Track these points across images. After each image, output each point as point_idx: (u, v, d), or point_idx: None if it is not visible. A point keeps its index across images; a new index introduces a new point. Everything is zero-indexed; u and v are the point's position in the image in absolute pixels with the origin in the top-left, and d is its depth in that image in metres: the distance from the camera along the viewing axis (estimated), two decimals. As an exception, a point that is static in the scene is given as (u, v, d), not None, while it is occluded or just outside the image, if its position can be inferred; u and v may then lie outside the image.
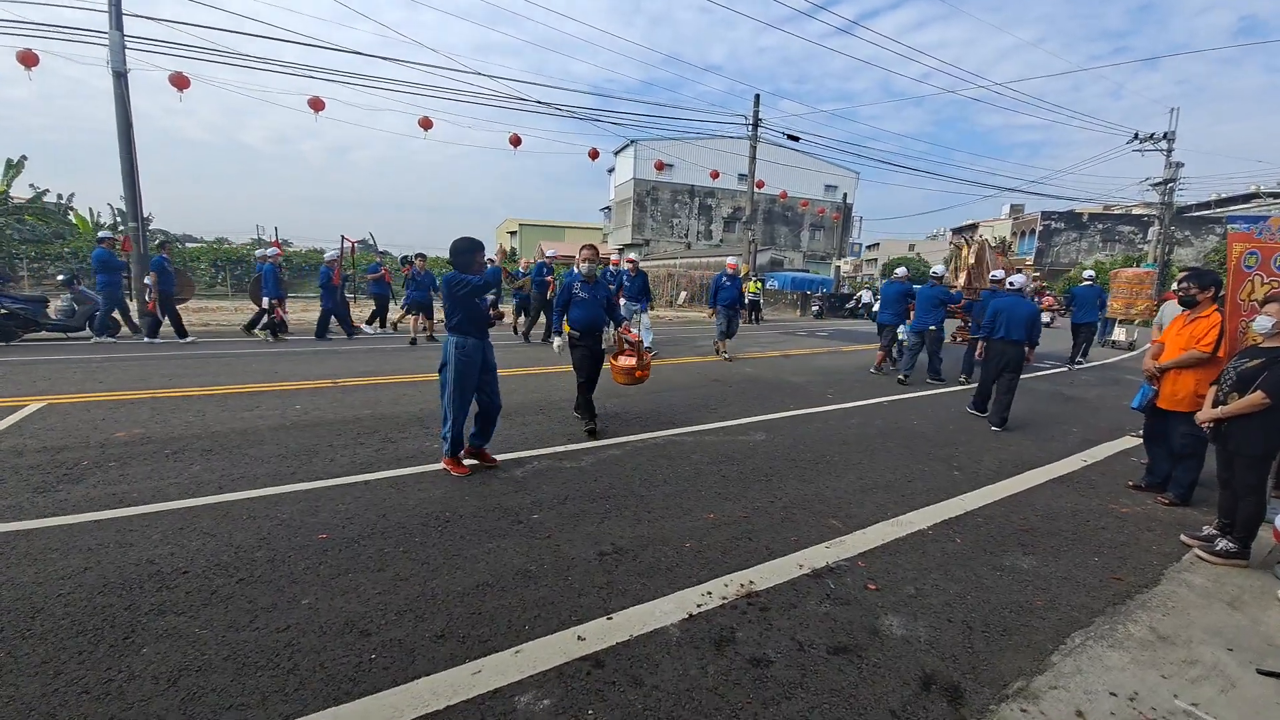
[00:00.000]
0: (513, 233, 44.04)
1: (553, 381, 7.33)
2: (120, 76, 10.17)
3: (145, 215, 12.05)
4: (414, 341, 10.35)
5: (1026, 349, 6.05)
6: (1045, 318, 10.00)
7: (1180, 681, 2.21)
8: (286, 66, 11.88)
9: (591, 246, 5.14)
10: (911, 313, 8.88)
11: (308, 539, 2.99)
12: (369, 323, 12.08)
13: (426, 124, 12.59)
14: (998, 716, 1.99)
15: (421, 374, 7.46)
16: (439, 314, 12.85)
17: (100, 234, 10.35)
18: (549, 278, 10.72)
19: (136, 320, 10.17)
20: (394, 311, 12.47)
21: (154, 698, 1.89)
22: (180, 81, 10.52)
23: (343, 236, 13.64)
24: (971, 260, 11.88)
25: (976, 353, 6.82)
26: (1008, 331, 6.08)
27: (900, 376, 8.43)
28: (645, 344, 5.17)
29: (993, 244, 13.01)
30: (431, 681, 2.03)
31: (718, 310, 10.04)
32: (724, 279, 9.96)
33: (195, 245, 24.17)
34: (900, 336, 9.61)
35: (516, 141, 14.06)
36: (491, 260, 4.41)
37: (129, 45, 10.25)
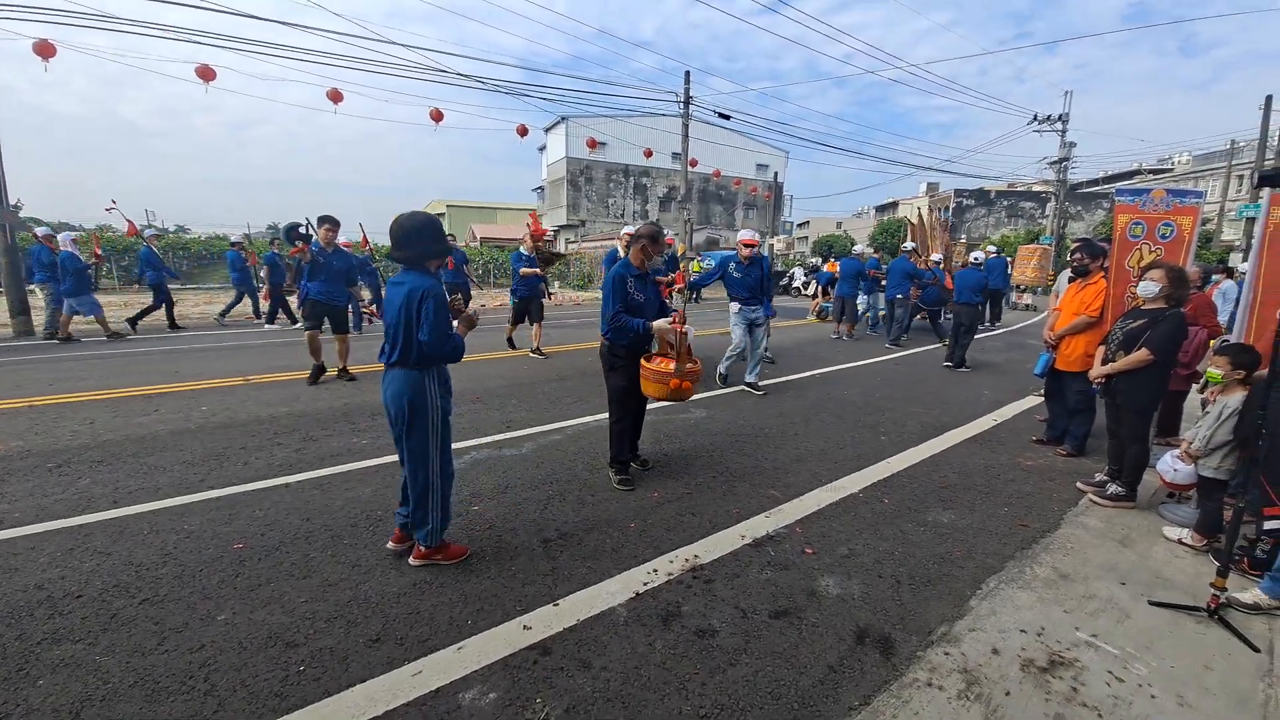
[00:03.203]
0: (441, 214, 42.23)
1: (487, 368, 7.14)
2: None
3: (14, 202, 10.65)
4: (317, 376, 6.20)
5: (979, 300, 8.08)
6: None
7: (1081, 615, 2.44)
8: (169, 31, 10.62)
9: (652, 227, 3.63)
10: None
11: (221, 550, 2.76)
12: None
13: (336, 97, 11.71)
14: (925, 661, 2.13)
15: (350, 366, 7.04)
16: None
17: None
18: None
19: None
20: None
21: (52, 734, 1.71)
22: (45, 49, 9.24)
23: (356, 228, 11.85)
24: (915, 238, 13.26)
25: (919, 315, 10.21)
26: (958, 295, 7.91)
27: (888, 344, 9.74)
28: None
29: (939, 220, 14.91)
30: (368, 688, 1.93)
31: (734, 311, 6.23)
32: (733, 265, 6.20)
33: (75, 234, 21.42)
34: (860, 308, 11.16)
35: (438, 116, 13.34)
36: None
37: (-9, 14, 8.96)
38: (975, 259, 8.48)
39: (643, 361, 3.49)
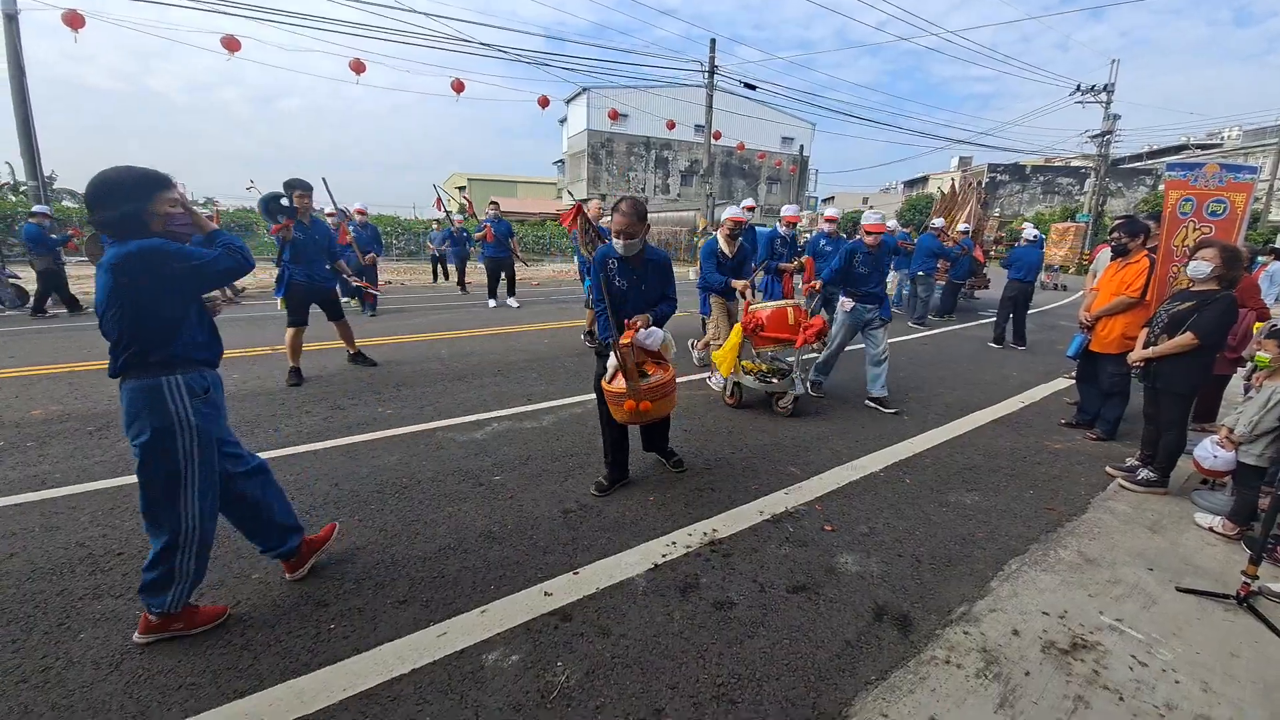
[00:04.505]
0: (461, 187, 42.17)
1: (509, 343, 7.18)
2: (11, 19, 9.01)
3: (48, 174, 10.96)
4: (298, 380, 5.09)
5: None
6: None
7: (1105, 600, 2.40)
8: (195, 1, 10.62)
9: (632, 201, 2.90)
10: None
11: (255, 512, 2.85)
12: (493, 295, 10.54)
13: (358, 67, 11.65)
14: (943, 640, 2.12)
15: (375, 338, 7.16)
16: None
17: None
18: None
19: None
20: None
21: (96, 683, 1.81)
22: (74, 20, 9.33)
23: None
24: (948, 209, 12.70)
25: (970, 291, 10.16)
26: (1016, 272, 7.94)
27: (911, 323, 9.52)
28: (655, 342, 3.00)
29: (971, 185, 13.82)
30: (395, 646, 2.00)
31: (846, 309, 4.96)
32: (859, 257, 4.82)
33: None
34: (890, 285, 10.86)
35: (460, 87, 13.22)
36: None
37: (20, -16, 9.11)
38: (1031, 237, 8.20)
39: (604, 385, 2.97)
